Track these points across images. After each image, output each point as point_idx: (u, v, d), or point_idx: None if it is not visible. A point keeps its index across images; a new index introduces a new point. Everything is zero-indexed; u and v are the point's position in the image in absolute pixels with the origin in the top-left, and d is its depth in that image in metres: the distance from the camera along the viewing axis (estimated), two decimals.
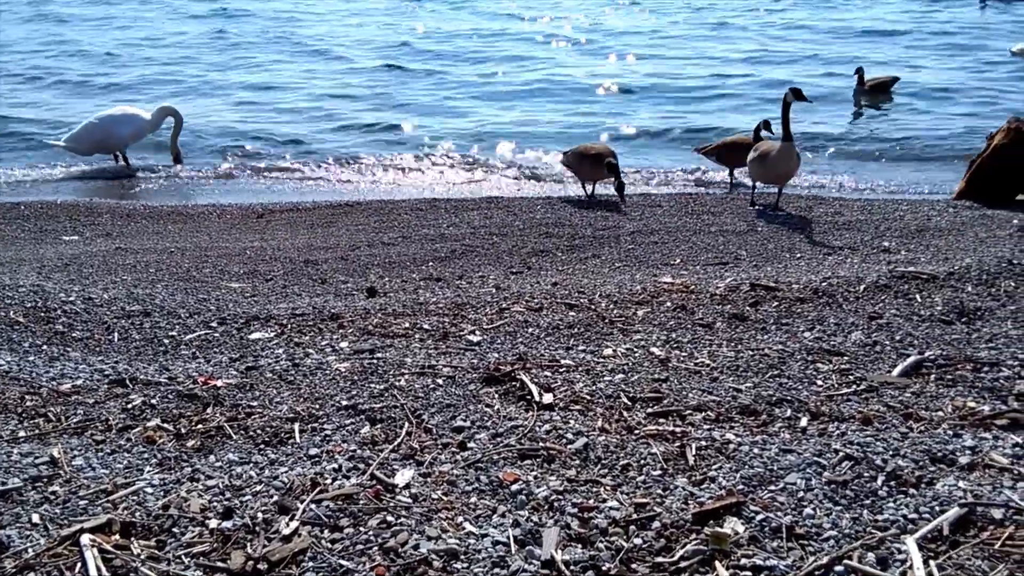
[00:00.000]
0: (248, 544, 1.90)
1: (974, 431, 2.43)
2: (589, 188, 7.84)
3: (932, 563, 1.75)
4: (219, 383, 2.95)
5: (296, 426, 2.56)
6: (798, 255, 5.37)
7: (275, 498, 2.08)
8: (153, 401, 2.80)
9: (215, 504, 2.08)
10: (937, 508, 1.96)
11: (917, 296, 3.92)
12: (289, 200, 8.20)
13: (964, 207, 6.76)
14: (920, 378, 2.93)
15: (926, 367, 3.01)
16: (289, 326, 3.73)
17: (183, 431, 2.58)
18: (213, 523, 1.99)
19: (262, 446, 2.45)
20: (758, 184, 7.36)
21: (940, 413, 2.59)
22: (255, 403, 2.76)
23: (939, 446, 2.29)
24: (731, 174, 8.64)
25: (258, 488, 2.15)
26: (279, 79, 14.17)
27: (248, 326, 3.75)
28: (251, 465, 2.30)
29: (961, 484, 2.07)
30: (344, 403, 2.72)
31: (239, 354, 3.36)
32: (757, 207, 7.07)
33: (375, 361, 3.16)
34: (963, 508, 1.93)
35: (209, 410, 2.72)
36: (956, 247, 5.24)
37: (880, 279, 4.18)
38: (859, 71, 12.02)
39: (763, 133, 7.65)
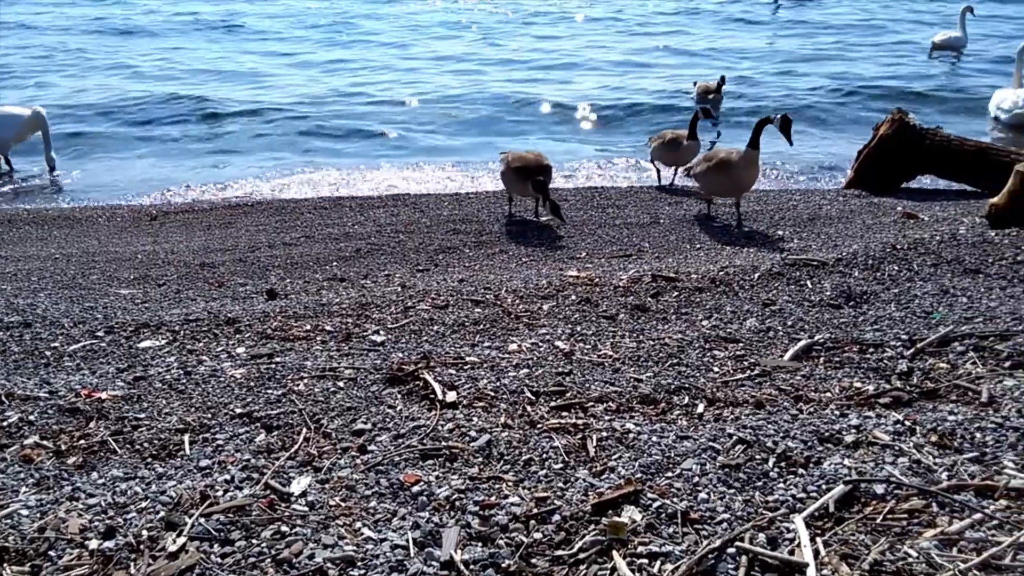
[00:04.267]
0: (131, 564, 1.81)
1: (859, 410, 2.53)
2: (510, 206, 6.86)
3: (819, 540, 1.81)
4: (104, 395, 2.80)
5: (186, 437, 2.45)
6: (698, 246, 5.50)
7: (162, 514, 1.99)
8: (31, 417, 2.63)
9: (96, 524, 1.96)
10: (824, 486, 2.03)
11: (808, 282, 4.07)
12: (184, 201, 7.90)
13: (853, 196, 7.07)
14: (810, 361, 3.04)
15: (816, 350, 3.12)
16: (182, 333, 3.58)
17: (64, 448, 2.44)
18: (93, 544, 1.88)
19: (149, 460, 2.34)
20: (714, 198, 6.48)
21: (828, 394, 2.69)
22: (143, 415, 2.63)
23: (826, 426, 2.38)
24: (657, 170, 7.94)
25: (144, 504, 2.05)
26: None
27: (138, 334, 3.58)
28: (137, 480, 2.19)
29: (846, 462, 2.15)
30: (239, 411, 2.63)
31: (127, 364, 3.20)
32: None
33: (273, 366, 3.06)
34: (848, 485, 2.01)
35: (92, 424, 2.58)
36: (845, 234, 5.48)
37: (774, 267, 4.32)
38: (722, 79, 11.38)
39: (700, 122, 7.24)
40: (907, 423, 2.38)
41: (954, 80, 13.03)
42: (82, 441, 2.47)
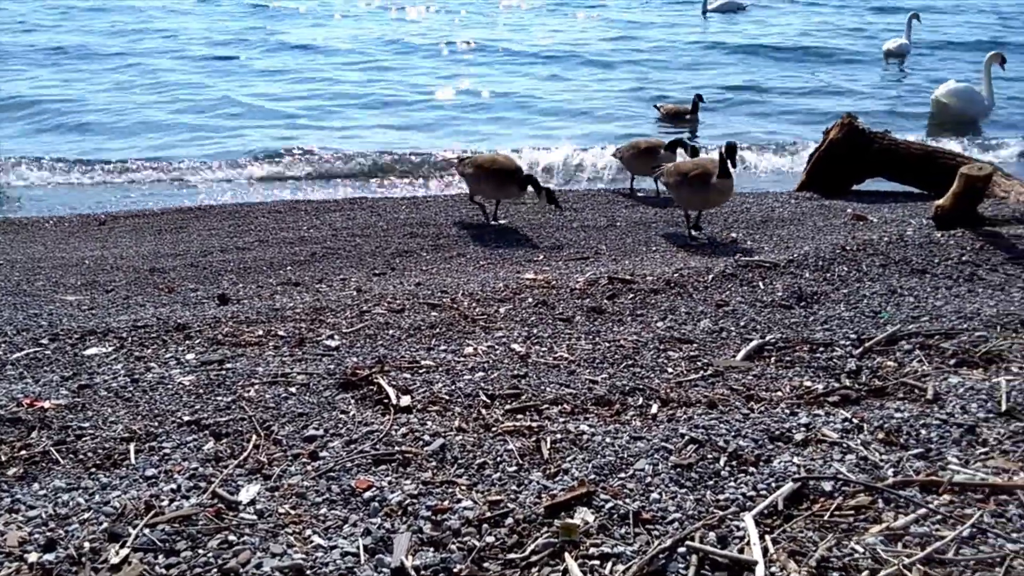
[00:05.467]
0: None
1: (809, 409, 2.57)
2: (489, 209, 6.59)
3: (768, 538, 1.83)
4: (47, 404, 2.72)
5: (132, 446, 2.39)
6: (653, 248, 5.55)
7: (105, 525, 1.94)
8: None
9: (36, 536, 1.91)
10: (774, 484, 2.05)
11: (760, 283, 4.13)
12: (135, 206, 7.73)
13: (804, 198, 7.19)
14: (762, 361, 3.08)
15: (767, 350, 3.17)
16: (129, 339, 3.50)
17: (3, 458, 2.37)
18: (33, 557, 1.83)
19: (93, 470, 2.28)
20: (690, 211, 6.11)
21: (779, 393, 2.73)
22: (87, 424, 2.56)
23: (777, 425, 2.41)
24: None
25: (86, 515, 1.99)
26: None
27: (83, 341, 3.49)
28: (80, 491, 2.13)
29: (796, 460, 2.18)
30: (187, 418, 2.57)
31: (72, 372, 3.11)
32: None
33: (223, 372, 3.01)
34: (796, 483, 2.03)
35: (34, 434, 2.50)
36: (796, 236, 5.57)
37: (727, 268, 4.37)
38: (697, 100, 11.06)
39: (680, 151, 7.00)
40: (855, 421, 2.42)
41: (901, 85, 13.37)
42: (23, 451, 2.40)
